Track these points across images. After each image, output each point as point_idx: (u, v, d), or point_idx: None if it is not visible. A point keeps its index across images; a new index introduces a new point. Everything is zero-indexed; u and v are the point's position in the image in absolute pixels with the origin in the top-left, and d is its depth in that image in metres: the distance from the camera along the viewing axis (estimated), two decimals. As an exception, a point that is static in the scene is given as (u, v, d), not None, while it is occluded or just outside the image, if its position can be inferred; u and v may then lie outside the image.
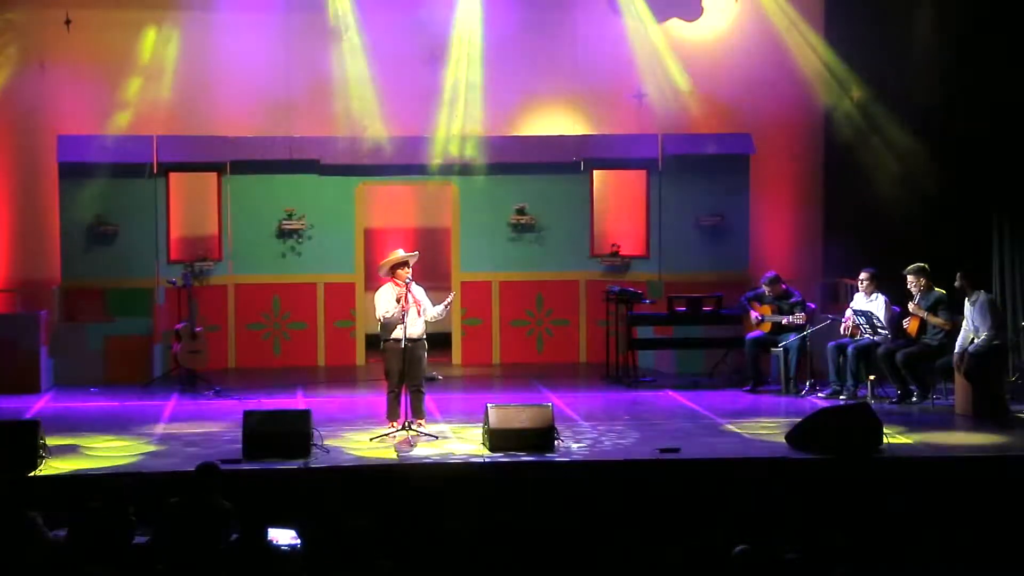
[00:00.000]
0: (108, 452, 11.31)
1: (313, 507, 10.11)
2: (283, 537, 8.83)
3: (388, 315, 11.80)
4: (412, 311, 11.78)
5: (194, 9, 16.49)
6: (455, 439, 11.79)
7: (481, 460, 10.95)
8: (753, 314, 14.59)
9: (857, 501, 10.53)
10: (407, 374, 11.84)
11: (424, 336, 11.97)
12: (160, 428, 12.45)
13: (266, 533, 8.60)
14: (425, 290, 12.16)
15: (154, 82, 16.49)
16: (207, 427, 12.41)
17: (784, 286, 14.62)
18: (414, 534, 10.10)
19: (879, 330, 13.78)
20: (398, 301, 11.76)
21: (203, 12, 16.43)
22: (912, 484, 10.70)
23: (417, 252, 12.21)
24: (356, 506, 10.24)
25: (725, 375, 15.31)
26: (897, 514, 10.47)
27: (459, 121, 16.88)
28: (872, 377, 13.44)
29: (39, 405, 13.74)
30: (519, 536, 10.18)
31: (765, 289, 14.58)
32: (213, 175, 16.64)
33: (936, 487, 10.67)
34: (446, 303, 12.05)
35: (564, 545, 10.17)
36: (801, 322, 14.29)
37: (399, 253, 12.08)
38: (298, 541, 8.76)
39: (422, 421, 11.98)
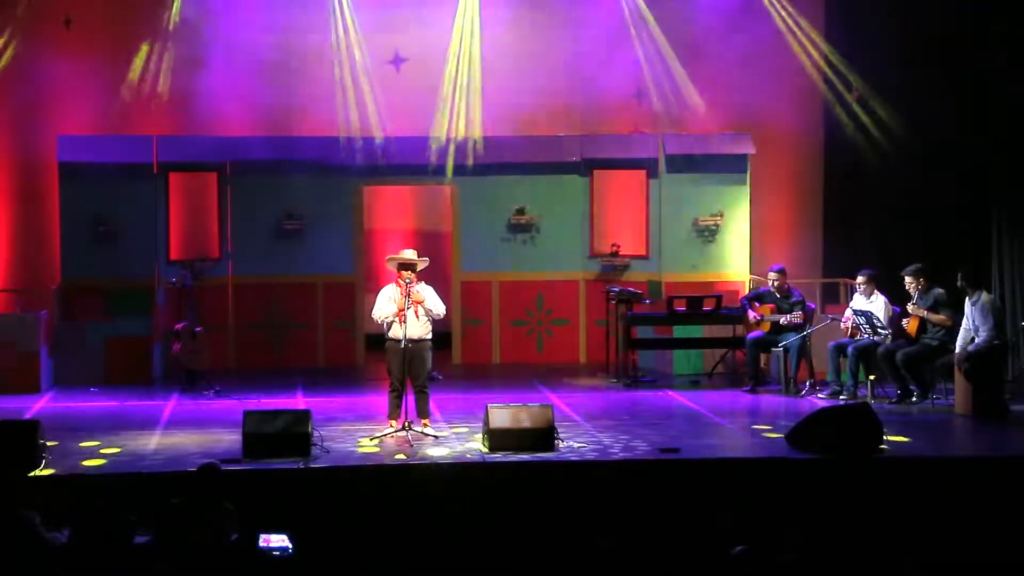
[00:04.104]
0: (108, 452, 11.30)
1: (313, 507, 10.12)
2: (275, 541, 8.81)
3: (380, 317, 11.83)
4: (411, 313, 11.75)
5: (194, 8, 16.49)
6: (455, 439, 11.79)
7: (481, 460, 10.95)
8: (751, 314, 14.58)
9: (857, 501, 10.53)
10: (409, 374, 11.85)
11: (428, 337, 11.97)
12: (160, 428, 12.45)
13: (257, 538, 8.58)
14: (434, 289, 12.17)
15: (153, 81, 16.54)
16: (207, 427, 12.41)
17: (786, 284, 14.63)
18: (414, 534, 10.10)
19: (879, 330, 13.78)
20: (398, 305, 11.75)
21: (203, 11, 16.43)
22: (912, 484, 10.70)
23: (428, 259, 12.16)
24: (356, 506, 10.25)
25: (725, 375, 15.32)
26: (897, 514, 10.47)
27: (459, 121, 16.90)
28: (872, 377, 13.44)
29: (39, 405, 13.74)
30: (519, 536, 10.17)
31: (772, 280, 14.54)
32: (213, 175, 16.64)
33: (936, 487, 10.67)
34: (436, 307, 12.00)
35: (563, 545, 10.16)
36: (800, 321, 14.29)
37: (410, 254, 12.05)
38: (289, 545, 8.74)
39: (427, 422, 11.98)
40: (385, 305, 11.86)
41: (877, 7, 16.31)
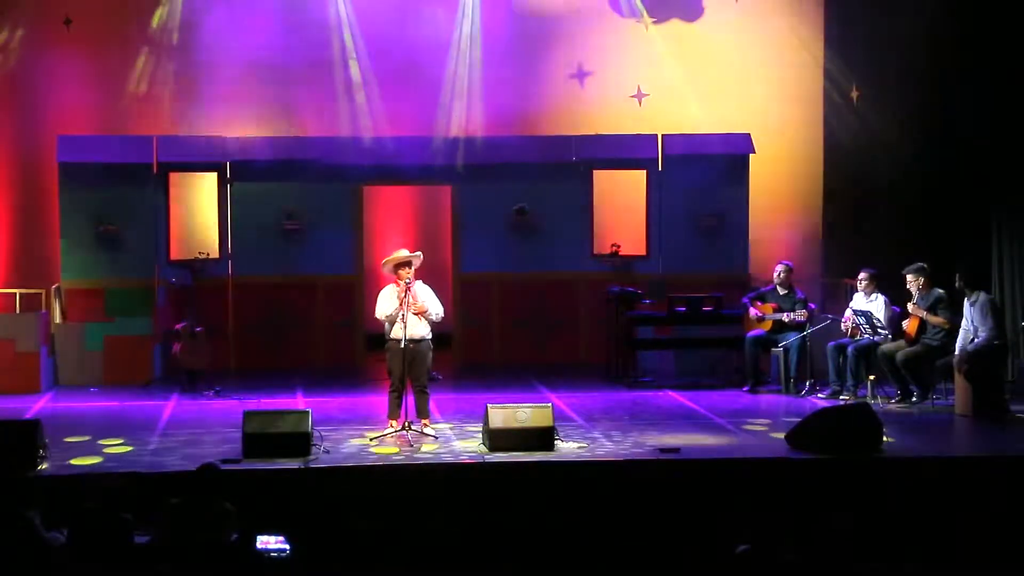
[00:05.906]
0: (108, 452, 11.29)
1: (313, 507, 10.12)
2: (272, 543, 8.80)
3: (386, 315, 11.83)
4: (411, 313, 11.77)
5: (194, 8, 16.49)
6: (455, 439, 11.79)
7: (481, 460, 10.94)
8: (752, 311, 14.57)
9: (857, 501, 10.53)
10: (410, 374, 11.85)
11: (428, 336, 11.98)
12: (160, 428, 12.44)
13: (254, 539, 8.58)
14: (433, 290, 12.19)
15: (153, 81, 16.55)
16: (207, 427, 12.40)
17: (790, 282, 14.62)
18: (414, 534, 10.10)
19: (879, 330, 13.78)
20: (399, 302, 11.77)
21: (203, 11, 16.43)
22: (912, 484, 10.69)
23: (420, 253, 12.20)
24: (356, 506, 10.25)
25: (725, 375, 15.31)
26: (897, 514, 10.46)
27: (459, 121, 16.90)
28: (872, 377, 13.43)
29: (39, 405, 13.74)
30: (518, 536, 10.17)
31: (779, 272, 14.52)
32: (213, 175, 16.64)
33: (936, 487, 10.66)
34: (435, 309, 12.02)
35: (564, 545, 10.16)
36: (803, 319, 14.29)
37: (402, 253, 12.08)
38: (287, 547, 8.73)
39: (426, 421, 12.00)
40: (387, 303, 11.87)
41: (877, 7, 16.31)
